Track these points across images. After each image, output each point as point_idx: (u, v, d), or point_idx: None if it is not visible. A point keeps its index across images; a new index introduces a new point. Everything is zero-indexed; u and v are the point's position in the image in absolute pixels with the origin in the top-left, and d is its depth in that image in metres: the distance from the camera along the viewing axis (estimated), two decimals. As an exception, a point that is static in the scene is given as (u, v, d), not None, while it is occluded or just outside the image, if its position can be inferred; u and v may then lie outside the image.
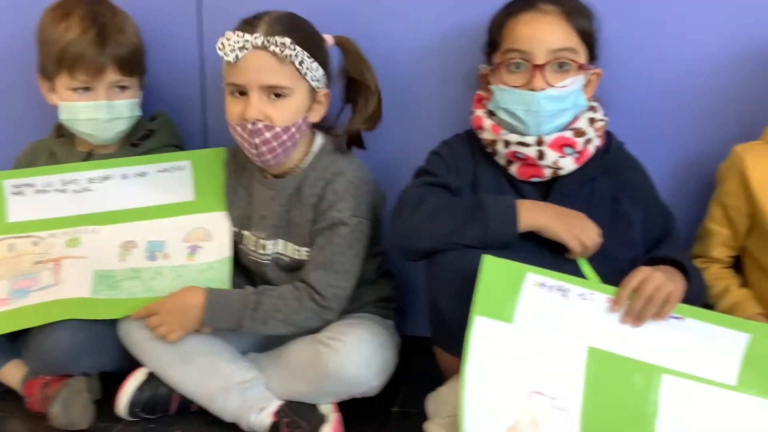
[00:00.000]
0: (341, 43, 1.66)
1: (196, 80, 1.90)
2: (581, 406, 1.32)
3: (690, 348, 1.36)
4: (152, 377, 1.64)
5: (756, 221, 1.58)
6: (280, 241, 1.68)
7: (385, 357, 1.59)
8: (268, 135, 1.55)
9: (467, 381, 1.32)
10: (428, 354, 1.66)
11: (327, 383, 1.56)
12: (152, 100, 1.87)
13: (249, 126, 1.54)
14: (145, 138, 1.83)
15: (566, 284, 1.38)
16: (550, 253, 1.46)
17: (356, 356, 1.53)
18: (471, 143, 1.62)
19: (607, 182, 1.57)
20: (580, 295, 1.38)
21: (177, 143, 1.88)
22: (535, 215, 1.44)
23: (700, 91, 1.72)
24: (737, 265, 1.68)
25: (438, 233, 1.44)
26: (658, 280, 1.37)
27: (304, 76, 1.56)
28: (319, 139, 1.68)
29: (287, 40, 1.52)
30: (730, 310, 1.55)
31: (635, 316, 1.36)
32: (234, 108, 1.57)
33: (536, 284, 1.37)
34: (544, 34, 1.50)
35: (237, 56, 1.52)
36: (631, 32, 1.69)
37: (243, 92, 1.55)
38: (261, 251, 1.70)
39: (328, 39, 1.64)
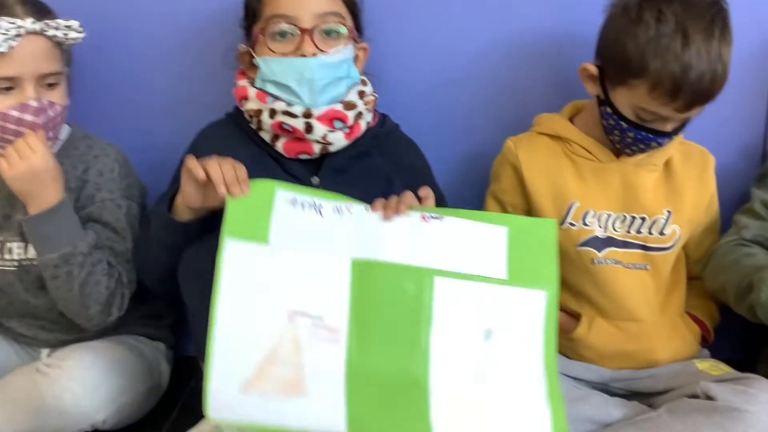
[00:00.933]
0: None
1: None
2: (348, 320, 1.25)
3: (458, 248, 1.33)
4: None
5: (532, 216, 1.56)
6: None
7: (117, 385, 1.45)
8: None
9: (218, 314, 1.22)
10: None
11: (47, 417, 1.40)
12: None
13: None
14: None
15: (319, 199, 1.33)
16: None
17: (76, 385, 1.39)
18: (229, 126, 1.54)
19: (382, 160, 1.52)
20: (336, 209, 1.33)
21: None
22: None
23: (471, 83, 1.71)
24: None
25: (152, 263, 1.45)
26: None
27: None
28: (65, 126, 1.57)
29: (61, 23, 1.44)
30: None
31: (393, 205, 1.32)
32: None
33: (287, 201, 1.31)
34: None
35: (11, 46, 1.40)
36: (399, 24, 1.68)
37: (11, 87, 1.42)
38: (8, 256, 1.53)
39: None
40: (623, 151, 1.50)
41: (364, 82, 1.52)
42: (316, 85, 1.42)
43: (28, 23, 1.41)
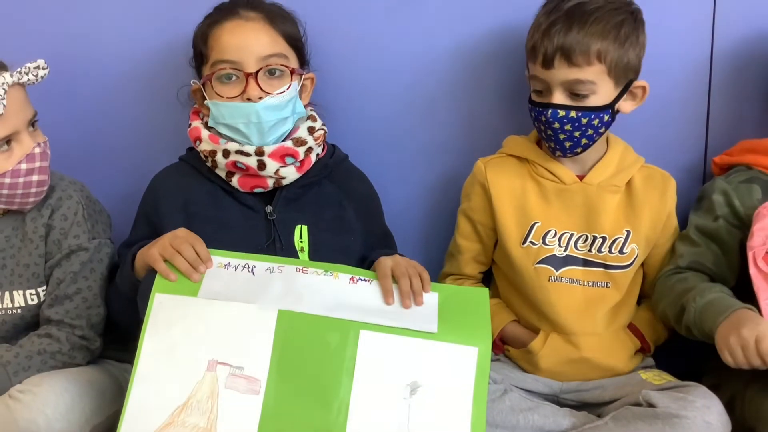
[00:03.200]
0: None
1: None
2: (268, 371, 1.28)
3: (387, 306, 1.36)
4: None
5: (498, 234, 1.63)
6: (5, 294, 1.54)
7: (89, 407, 1.45)
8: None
9: (139, 362, 1.28)
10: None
11: None
12: None
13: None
14: None
15: (252, 261, 1.38)
16: None
17: (50, 409, 1.39)
18: (183, 168, 1.59)
19: (333, 188, 1.58)
20: (268, 269, 1.38)
21: None
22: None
23: (441, 105, 1.77)
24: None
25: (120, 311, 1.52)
26: (401, 260, 1.43)
27: None
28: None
29: (30, 66, 1.47)
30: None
31: (408, 295, 1.36)
32: None
33: (221, 265, 1.37)
34: (251, 40, 1.50)
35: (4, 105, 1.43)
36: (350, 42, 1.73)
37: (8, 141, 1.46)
38: None
39: None
40: (552, 153, 1.57)
41: (313, 118, 1.59)
42: (263, 126, 1.49)
43: (7, 77, 1.44)
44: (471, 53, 1.74)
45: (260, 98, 1.48)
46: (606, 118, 1.53)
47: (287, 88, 1.51)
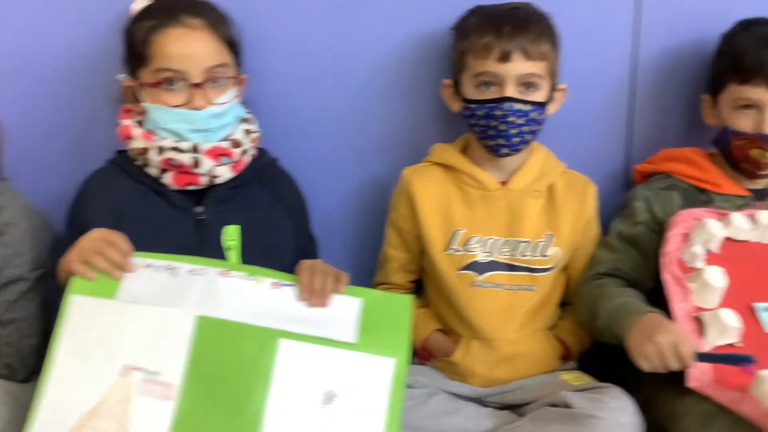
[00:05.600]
0: None
1: None
2: (183, 377, 1.28)
3: (308, 313, 1.37)
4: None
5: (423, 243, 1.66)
6: None
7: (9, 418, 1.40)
8: None
9: (52, 365, 1.27)
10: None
11: None
12: None
13: None
14: None
15: (175, 263, 1.38)
16: None
17: None
18: (111, 171, 1.58)
19: (263, 190, 1.61)
20: (191, 271, 1.38)
21: None
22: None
23: (366, 114, 1.79)
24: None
25: None
26: (321, 262, 1.44)
27: None
28: None
29: None
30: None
31: (319, 294, 1.39)
32: None
33: (142, 267, 1.37)
34: (197, 51, 1.50)
35: None
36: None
37: None
38: None
39: None
40: (495, 152, 1.61)
41: (250, 120, 1.62)
42: (209, 132, 1.52)
43: None
44: (401, 58, 1.77)
45: (205, 108, 1.51)
46: (544, 115, 1.60)
47: (230, 97, 1.54)
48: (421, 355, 1.66)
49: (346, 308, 1.40)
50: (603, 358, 1.69)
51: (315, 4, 1.74)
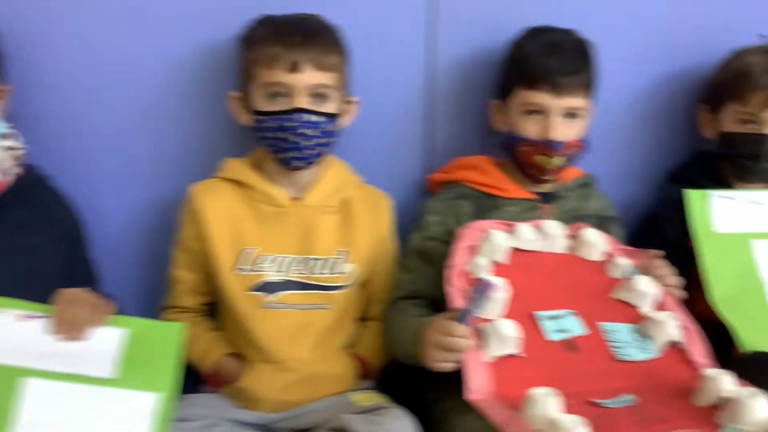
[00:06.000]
0: None
1: None
2: None
3: (64, 347, 1.30)
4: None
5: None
6: None
7: None
8: None
9: None
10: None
11: None
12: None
13: None
14: None
15: None
16: None
17: None
18: None
19: (26, 212, 1.51)
20: None
21: None
22: None
23: (154, 128, 1.71)
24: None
25: None
26: (82, 292, 1.36)
27: None
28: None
29: None
30: (201, 357, 1.56)
31: (68, 327, 1.30)
32: None
33: None
34: None
35: None
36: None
37: None
38: None
39: None
40: (287, 165, 1.56)
41: (11, 136, 1.51)
42: None
43: None
44: (188, 69, 1.70)
45: None
46: (336, 127, 1.56)
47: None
48: (210, 381, 1.58)
49: (105, 341, 1.32)
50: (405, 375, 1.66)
51: (99, 12, 1.65)
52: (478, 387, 1.33)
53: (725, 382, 1.34)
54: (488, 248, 1.51)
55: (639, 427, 1.27)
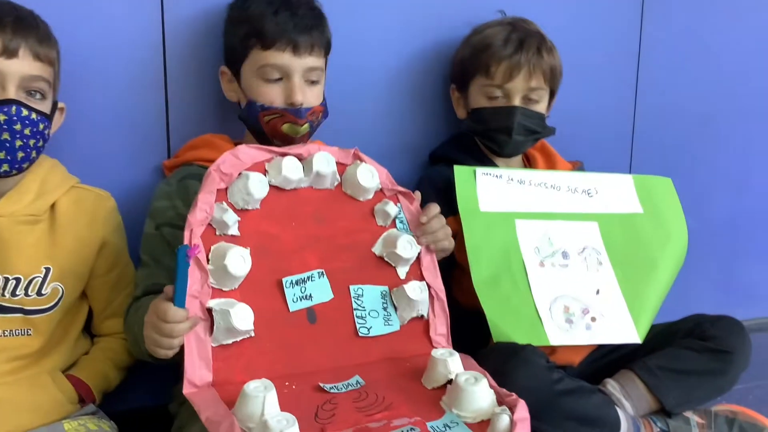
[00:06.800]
0: None
1: None
2: None
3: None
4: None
5: None
6: None
7: None
8: None
9: None
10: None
11: None
12: None
13: None
14: None
15: None
16: None
17: None
18: None
19: None
20: None
21: None
22: None
23: None
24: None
25: None
26: None
27: None
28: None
29: None
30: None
31: None
32: None
33: None
34: None
35: None
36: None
37: None
38: None
39: None
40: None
41: None
42: None
43: None
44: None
45: None
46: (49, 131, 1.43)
47: None
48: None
49: None
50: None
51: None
52: (197, 378, 1.25)
53: (453, 365, 1.32)
54: (239, 194, 1.33)
55: (361, 414, 1.25)
